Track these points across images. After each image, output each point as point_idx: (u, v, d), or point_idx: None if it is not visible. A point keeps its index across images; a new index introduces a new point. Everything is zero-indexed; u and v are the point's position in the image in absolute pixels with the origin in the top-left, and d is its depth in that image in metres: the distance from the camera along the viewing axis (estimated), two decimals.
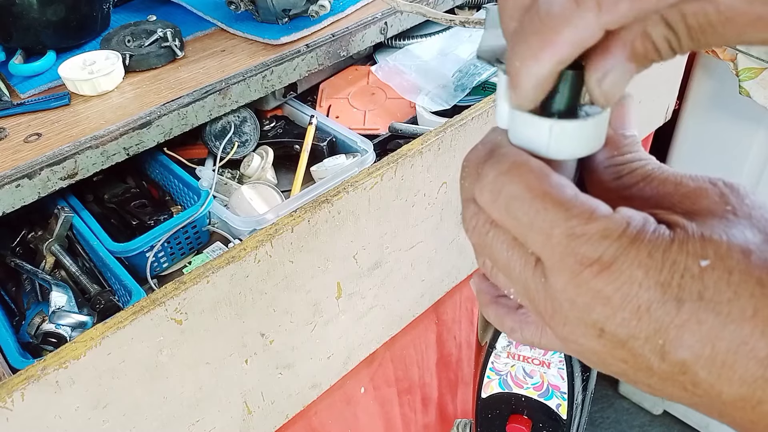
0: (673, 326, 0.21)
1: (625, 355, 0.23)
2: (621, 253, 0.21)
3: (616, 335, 0.22)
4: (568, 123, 0.24)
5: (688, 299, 0.21)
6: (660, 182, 0.24)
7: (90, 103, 0.79)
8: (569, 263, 0.22)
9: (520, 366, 0.50)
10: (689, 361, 0.21)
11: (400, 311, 0.80)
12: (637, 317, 0.21)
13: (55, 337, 0.64)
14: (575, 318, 0.23)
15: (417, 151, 0.66)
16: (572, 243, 0.22)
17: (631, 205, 0.24)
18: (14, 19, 0.82)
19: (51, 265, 0.76)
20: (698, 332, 0.21)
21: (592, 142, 0.25)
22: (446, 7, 1.03)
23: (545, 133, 0.24)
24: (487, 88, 0.95)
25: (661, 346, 0.21)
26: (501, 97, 0.26)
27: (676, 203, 0.24)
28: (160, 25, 0.89)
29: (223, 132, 0.87)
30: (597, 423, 1.65)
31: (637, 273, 0.21)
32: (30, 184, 0.67)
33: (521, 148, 0.25)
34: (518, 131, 0.25)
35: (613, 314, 0.22)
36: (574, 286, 0.22)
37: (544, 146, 0.24)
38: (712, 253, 0.21)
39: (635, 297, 0.21)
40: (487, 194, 0.24)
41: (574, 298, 0.22)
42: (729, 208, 0.22)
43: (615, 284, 0.21)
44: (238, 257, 0.55)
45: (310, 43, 0.88)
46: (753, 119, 1.11)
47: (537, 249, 0.23)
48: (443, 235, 0.78)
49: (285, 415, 0.72)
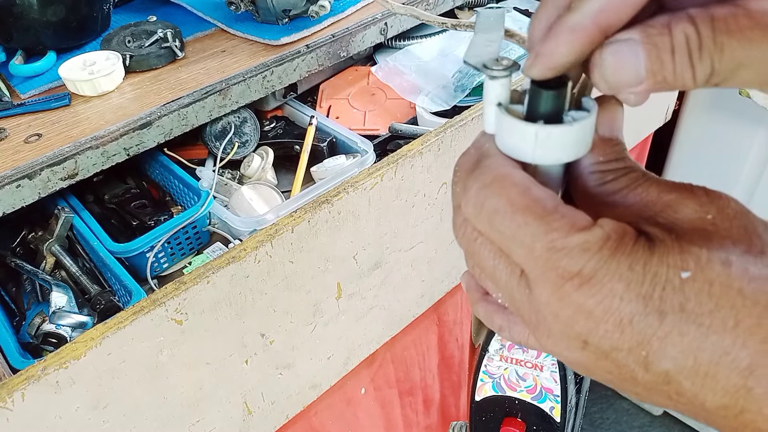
0: (656, 338, 0.21)
1: (609, 366, 0.23)
2: (601, 266, 0.21)
3: (599, 347, 0.22)
4: (554, 128, 0.24)
5: (670, 311, 0.21)
6: (644, 190, 0.24)
7: (90, 104, 0.79)
8: (551, 276, 0.22)
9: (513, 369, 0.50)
10: (672, 371, 0.21)
11: (400, 311, 0.80)
12: (620, 330, 0.22)
13: (55, 337, 0.64)
14: (559, 330, 0.23)
15: (417, 151, 0.66)
16: (553, 256, 0.22)
17: (615, 212, 0.24)
18: (14, 19, 0.82)
19: (51, 265, 0.76)
20: (681, 344, 0.21)
21: (578, 147, 0.25)
22: (446, 8, 1.03)
23: (531, 138, 0.24)
24: None
25: (644, 358, 0.22)
26: (488, 103, 0.26)
27: (659, 212, 0.23)
28: (161, 25, 0.89)
29: (224, 132, 0.87)
30: (597, 423, 1.65)
31: (618, 286, 0.21)
32: (30, 184, 0.68)
33: (508, 153, 0.25)
34: (504, 137, 0.25)
35: (596, 327, 0.22)
36: (557, 299, 0.22)
37: (530, 151, 0.24)
38: (693, 264, 0.21)
39: (617, 310, 0.21)
40: (471, 207, 0.24)
41: (557, 311, 0.23)
42: (710, 217, 0.22)
43: (596, 297, 0.22)
44: (238, 257, 0.55)
45: (310, 43, 0.88)
46: (753, 120, 1.11)
47: (520, 261, 0.23)
48: (443, 235, 0.78)
49: (285, 416, 0.72)
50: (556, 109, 0.24)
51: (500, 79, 0.25)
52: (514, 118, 0.24)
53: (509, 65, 0.25)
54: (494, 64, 0.25)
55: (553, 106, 0.24)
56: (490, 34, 0.29)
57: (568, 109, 0.25)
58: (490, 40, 0.28)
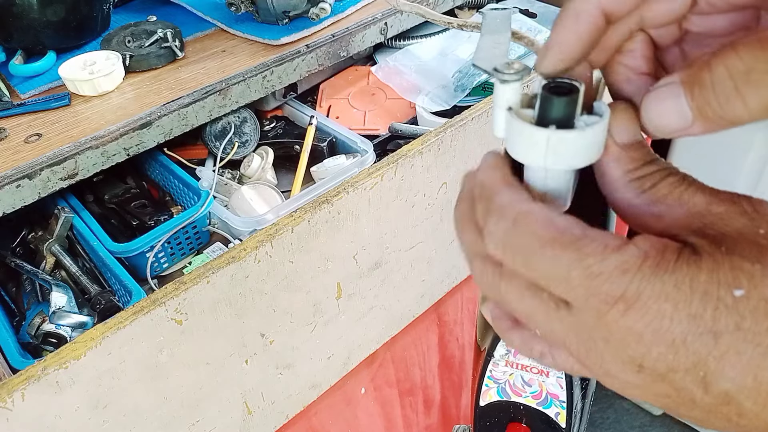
0: (712, 358, 0.20)
1: (666, 388, 0.22)
2: (645, 287, 0.21)
3: (655, 370, 0.22)
4: (567, 133, 0.23)
5: (725, 331, 0.20)
6: (689, 198, 0.23)
7: (90, 104, 0.79)
8: (594, 303, 0.21)
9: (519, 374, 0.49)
10: (733, 391, 0.21)
11: (400, 311, 0.80)
12: (674, 351, 0.21)
13: (55, 337, 0.64)
14: (611, 356, 0.22)
15: (417, 151, 0.66)
16: (593, 283, 0.21)
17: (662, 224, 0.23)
18: (14, 19, 0.82)
19: (51, 265, 0.76)
20: (738, 363, 0.20)
21: (591, 152, 0.24)
22: (446, 7, 1.03)
23: (543, 143, 0.23)
24: (487, 89, 0.95)
25: (702, 378, 0.21)
26: (498, 107, 0.25)
27: (708, 224, 0.22)
28: (161, 25, 0.89)
29: (224, 132, 0.87)
30: (597, 423, 1.65)
31: (666, 306, 0.20)
32: (30, 184, 0.67)
33: (517, 158, 0.24)
34: (515, 141, 0.24)
35: (649, 350, 0.21)
36: (604, 325, 0.22)
37: (542, 157, 0.24)
38: (746, 281, 0.20)
39: (668, 331, 0.21)
40: (498, 252, 0.24)
41: (606, 337, 0.22)
42: (762, 232, 0.22)
43: (644, 320, 0.21)
44: (238, 257, 0.55)
45: (310, 43, 0.88)
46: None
47: (561, 294, 0.23)
48: (443, 235, 0.78)
49: (285, 416, 0.72)
50: (568, 115, 0.24)
51: (511, 83, 0.24)
52: (526, 123, 0.24)
53: (520, 69, 0.24)
54: (505, 68, 0.24)
55: (566, 111, 0.24)
56: (497, 36, 0.28)
57: (580, 113, 0.24)
58: (498, 42, 0.27)
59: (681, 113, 0.22)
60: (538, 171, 0.25)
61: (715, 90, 0.21)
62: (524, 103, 0.25)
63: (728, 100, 0.21)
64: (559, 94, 0.23)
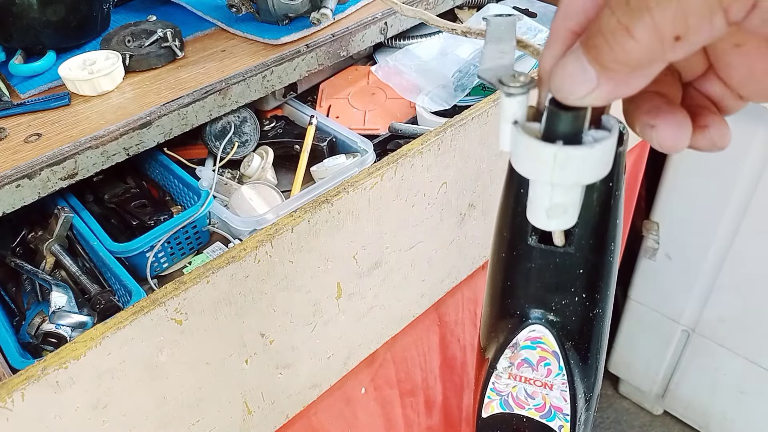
0: None
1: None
2: None
3: None
4: (574, 149, 0.22)
5: None
6: None
7: (90, 103, 0.79)
8: None
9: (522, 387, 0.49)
10: None
11: (401, 311, 0.80)
12: None
13: (55, 337, 0.64)
14: None
15: (417, 151, 0.66)
16: None
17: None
18: (14, 19, 0.82)
19: (51, 265, 0.76)
20: None
21: (599, 168, 0.23)
22: (446, 7, 1.03)
23: (549, 159, 0.23)
24: (487, 89, 0.95)
25: None
26: (504, 120, 0.24)
27: None
28: (160, 25, 0.89)
29: (223, 132, 0.87)
30: (597, 423, 1.65)
31: None
32: (30, 184, 0.67)
33: (523, 173, 0.24)
34: (521, 156, 0.24)
35: None
36: None
37: (548, 173, 0.23)
38: None
39: None
40: None
41: None
42: None
43: None
44: (238, 257, 0.55)
45: (310, 43, 0.88)
46: (753, 119, 1.11)
47: None
48: (443, 235, 0.78)
49: (285, 416, 0.72)
50: (575, 130, 0.23)
51: (517, 96, 0.24)
52: (532, 138, 0.23)
53: (527, 82, 0.24)
54: (511, 81, 0.24)
55: (573, 126, 0.23)
56: (502, 44, 0.27)
57: (588, 127, 0.24)
58: (503, 52, 0.27)
59: (583, 71, 0.21)
60: (545, 186, 0.24)
61: (603, 33, 0.20)
62: (530, 116, 0.24)
63: (615, 37, 0.20)
64: (566, 109, 0.23)
